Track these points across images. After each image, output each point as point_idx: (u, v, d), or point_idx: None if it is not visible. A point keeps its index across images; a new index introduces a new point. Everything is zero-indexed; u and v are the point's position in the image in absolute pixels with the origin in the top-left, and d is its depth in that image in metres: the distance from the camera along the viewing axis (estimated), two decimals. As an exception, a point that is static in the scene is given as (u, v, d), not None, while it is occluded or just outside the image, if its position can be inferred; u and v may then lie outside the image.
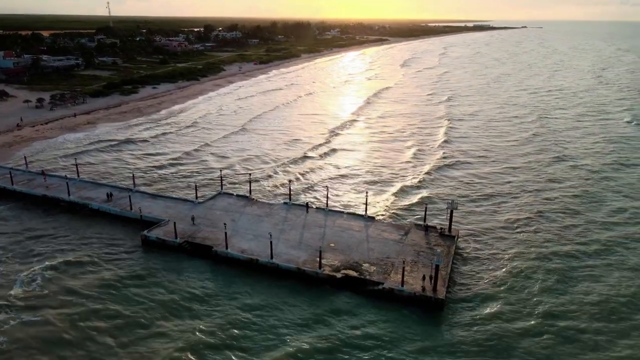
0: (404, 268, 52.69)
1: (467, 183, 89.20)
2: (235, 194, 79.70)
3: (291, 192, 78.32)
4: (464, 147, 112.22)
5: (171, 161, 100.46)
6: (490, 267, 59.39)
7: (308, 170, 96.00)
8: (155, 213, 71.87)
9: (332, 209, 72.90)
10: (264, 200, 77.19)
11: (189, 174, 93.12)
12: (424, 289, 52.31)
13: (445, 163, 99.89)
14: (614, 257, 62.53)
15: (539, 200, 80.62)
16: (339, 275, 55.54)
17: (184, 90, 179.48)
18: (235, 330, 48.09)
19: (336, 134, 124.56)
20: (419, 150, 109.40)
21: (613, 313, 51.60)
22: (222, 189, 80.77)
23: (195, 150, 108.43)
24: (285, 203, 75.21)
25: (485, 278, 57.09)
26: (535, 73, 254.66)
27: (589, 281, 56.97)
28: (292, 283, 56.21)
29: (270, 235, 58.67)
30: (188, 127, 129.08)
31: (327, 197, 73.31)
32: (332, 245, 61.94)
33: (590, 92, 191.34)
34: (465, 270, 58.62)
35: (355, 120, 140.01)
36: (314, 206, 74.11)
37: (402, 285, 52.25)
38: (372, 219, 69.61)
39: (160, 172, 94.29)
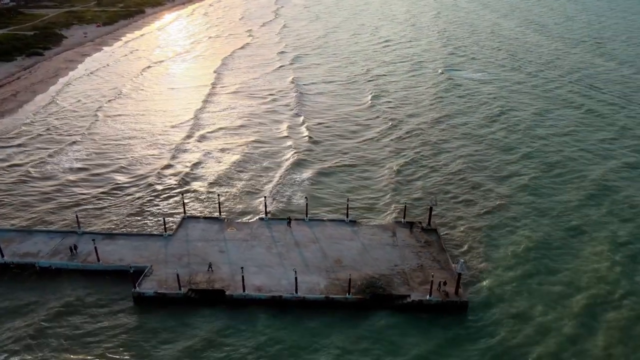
0: (432, 282, 53.22)
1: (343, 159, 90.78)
2: (202, 216, 68.98)
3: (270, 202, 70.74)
4: (320, 119, 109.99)
5: (77, 175, 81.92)
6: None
7: (201, 163, 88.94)
8: (129, 259, 58.62)
9: (313, 218, 68.31)
10: (238, 220, 68.50)
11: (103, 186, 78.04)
12: (447, 294, 54.00)
13: (313, 140, 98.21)
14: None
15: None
16: (367, 296, 53.81)
17: (32, 72, 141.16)
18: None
19: (204, 112, 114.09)
20: (289, 126, 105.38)
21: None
22: (185, 212, 69.00)
23: (94, 153, 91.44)
24: (261, 219, 67.89)
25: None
26: (364, 23, 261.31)
27: (511, 235, 64.53)
28: (317, 310, 52.84)
29: (295, 271, 53.22)
30: (74, 127, 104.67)
31: (307, 206, 68.16)
32: (338, 261, 59.04)
33: (411, 43, 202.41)
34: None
35: (215, 95, 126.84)
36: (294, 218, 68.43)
37: (430, 295, 53.11)
38: (354, 222, 67.43)
39: (74, 190, 76.47)
